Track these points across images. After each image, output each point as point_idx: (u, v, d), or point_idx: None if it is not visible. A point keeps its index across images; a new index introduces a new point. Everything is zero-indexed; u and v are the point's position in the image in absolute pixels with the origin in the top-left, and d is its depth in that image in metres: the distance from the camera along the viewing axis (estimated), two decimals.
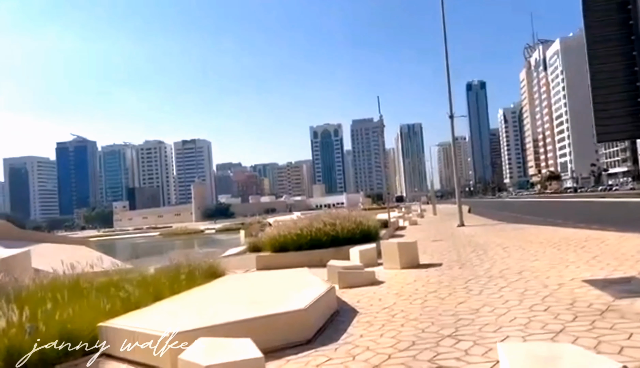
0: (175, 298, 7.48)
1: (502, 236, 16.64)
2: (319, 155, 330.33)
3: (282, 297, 6.84)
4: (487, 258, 11.39)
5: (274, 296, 6.96)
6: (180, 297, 7.44)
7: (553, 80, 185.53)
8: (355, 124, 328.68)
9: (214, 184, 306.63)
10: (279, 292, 7.36)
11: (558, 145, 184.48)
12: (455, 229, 22.79)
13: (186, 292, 7.99)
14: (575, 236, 14.20)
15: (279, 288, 7.59)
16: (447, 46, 25.69)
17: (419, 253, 11.81)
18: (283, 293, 7.15)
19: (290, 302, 6.34)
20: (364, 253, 12.29)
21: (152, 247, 47.67)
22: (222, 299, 7.00)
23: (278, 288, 7.66)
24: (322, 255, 13.65)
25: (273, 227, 14.80)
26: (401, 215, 37.96)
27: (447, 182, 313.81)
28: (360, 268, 10.19)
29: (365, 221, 15.12)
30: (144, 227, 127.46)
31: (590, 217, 26.74)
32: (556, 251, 11.37)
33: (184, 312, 6.22)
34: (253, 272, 13.32)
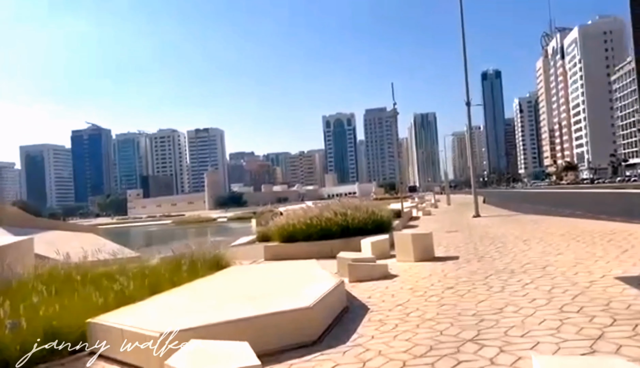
0: (173, 291, 7.00)
1: (520, 228, 15.95)
2: (332, 145, 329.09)
3: (287, 293, 6.32)
4: (507, 251, 10.77)
5: (278, 291, 6.44)
6: (178, 290, 6.96)
7: (570, 69, 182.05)
8: (368, 113, 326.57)
9: (226, 172, 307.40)
10: (284, 286, 6.84)
11: (574, 135, 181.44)
12: (471, 220, 22.11)
13: (186, 285, 7.51)
14: (599, 228, 13.48)
15: (284, 282, 7.07)
16: (464, 32, 24.82)
17: (434, 246, 11.23)
18: (288, 288, 6.63)
19: (295, 299, 5.82)
20: (375, 245, 11.74)
21: (164, 235, 47.59)
22: (222, 293, 6.50)
23: (283, 282, 7.14)
24: (332, 246, 13.13)
25: (282, 217, 14.29)
26: (414, 205, 37.25)
27: (461, 172, 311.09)
28: (371, 260, 9.64)
29: (377, 211, 14.55)
30: (157, 215, 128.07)
31: (611, 208, 25.82)
32: (581, 244, 10.70)
33: (180, 308, 5.73)
34: (260, 262, 12.85)
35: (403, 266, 9.96)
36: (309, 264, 8.89)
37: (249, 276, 7.85)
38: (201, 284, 7.34)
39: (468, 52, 24.78)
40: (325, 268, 10.26)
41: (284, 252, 13.33)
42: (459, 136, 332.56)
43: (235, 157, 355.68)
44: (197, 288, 7.12)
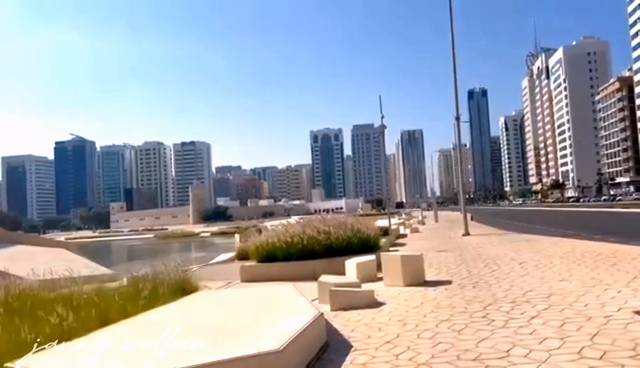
0: (120, 325, 5.95)
1: (513, 248, 15.11)
2: (319, 160, 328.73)
3: (255, 329, 5.32)
4: (503, 275, 9.87)
5: (244, 326, 5.43)
6: (127, 324, 5.91)
7: (555, 89, 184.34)
8: (355, 129, 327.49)
9: (212, 186, 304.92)
10: (252, 319, 5.84)
11: (560, 153, 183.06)
12: (461, 239, 21.28)
13: (141, 316, 6.45)
14: (599, 250, 12.68)
15: (254, 314, 6.06)
16: (454, 46, 24.23)
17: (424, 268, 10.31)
18: (257, 322, 5.63)
19: (263, 338, 4.83)
20: (361, 266, 10.79)
21: (144, 250, 46.11)
22: (178, 329, 5.46)
23: (252, 313, 6.13)
24: (314, 267, 12.15)
25: (261, 234, 13.29)
26: (402, 222, 36.42)
27: (447, 188, 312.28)
28: (356, 285, 8.67)
29: (363, 229, 13.60)
30: (140, 229, 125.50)
31: (603, 228, 25.21)
32: (583, 268, 9.85)
33: (117, 350, 4.69)
34: (235, 285, 11.80)
35: (391, 292, 9.00)
36: (286, 290, 7.89)
37: (214, 305, 6.83)
38: (156, 315, 6.30)
39: (454, 76, 24.15)
40: (306, 293, 9.26)
41: (262, 273, 12.32)
42: (445, 153, 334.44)
43: (222, 170, 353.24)
44: (149, 320, 6.08)
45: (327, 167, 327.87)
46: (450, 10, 24.57)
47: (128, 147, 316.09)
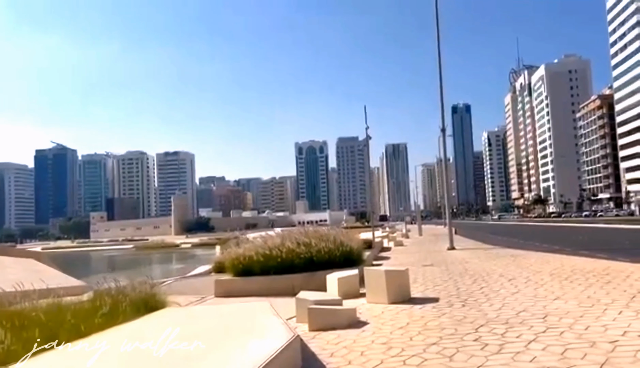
0: (70, 347, 5.24)
1: (501, 264, 14.61)
2: (304, 172, 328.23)
3: (220, 355, 4.65)
4: (493, 293, 9.32)
5: (208, 352, 4.76)
6: (72, 347, 5.20)
7: (537, 106, 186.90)
8: (340, 141, 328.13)
9: (195, 197, 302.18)
10: (218, 343, 5.16)
11: (541, 169, 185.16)
12: (446, 253, 20.77)
13: (93, 337, 5.73)
14: (589, 267, 12.22)
15: (221, 337, 5.39)
16: (440, 57, 23.95)
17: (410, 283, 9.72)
18: (223, 347, 4.96)
19: (228, 366, 4.18)
20: (343, 281, 10.16)
21: (122, 261, 44.89)
22: (126, 356, 4.77)
23: (220, 336, 5.46)
24: (293, 282, 11.48)
25: (238, 246, 12.58)
26: (386, 235, 35.91)
27: (430, 202, 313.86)
28: (337, 302, 8.03)
29: (346, 241, 12.97)
30: (120, 239, 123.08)
31: (587, 243, 24.97)
32: (576, 286, 9.35)
33: None
34: (208, 301, 11.06)
35: (375, 309, 8.37)
36: (260, 308, 7.22)
37: (178, 325, 6.13)
38: (109, 336, 5.58)
39: (439, 86, 23.85)
40: (283, 309, 8.61)
41: (238, 288, 11.61)
42: (429, 167, 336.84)
43: (205, 181, 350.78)
44: (103, 341, 5.36)
45: (312, 179, 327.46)
46: (437, 22, 24.33)
47: (110, 156, 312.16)
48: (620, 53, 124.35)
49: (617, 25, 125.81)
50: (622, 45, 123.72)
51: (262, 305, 7.53)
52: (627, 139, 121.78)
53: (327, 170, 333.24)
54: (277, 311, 7.14)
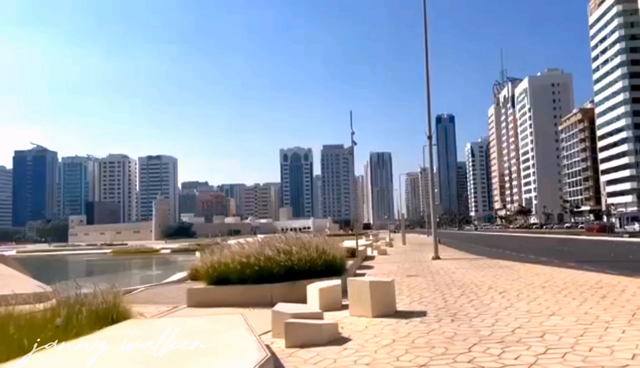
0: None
1: (489, 275, 14.10)
2: (288, 178, 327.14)
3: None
4: (484, 306, 8.75)
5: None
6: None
7: (520, 118, 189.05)
8: (326, 149, 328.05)
9: (177, 202, 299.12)
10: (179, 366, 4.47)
11: (523, 181, 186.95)
12: (431, 262, 20.25)
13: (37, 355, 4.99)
14: (581, 280, 11.77)
15: (183, 359, 4.70)
16: (428, 68, 23.56)
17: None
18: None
19: None
20: (325, 292, 9.51)
21: (96, 266, 43.62)
22: None
23: (182, 357, 4.76)
24: (272, 291, 10.83)
25: (213, 253, 11.85)
26: (369, 244, 35.31)
27: (414, 212, 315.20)
28: (317, 316, 7.37)
29: (329, 249, 12.32)
30: (99, 244, 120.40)
31: (573, 254, 24.72)
32: (571, 301, 8.83)
33: None
34: (177, 311, 10.31)
35: (358, 324, 7.74)
36: (232, 322, 6.54)
37: (136, 341, 5.42)
38: (54, 356, 4.85)
39: (424, 97, 23.46)
40: (259, 322, 7.94)
41: (212, 297, 10.87)
42: (413, 176, 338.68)
43: (188, 186, 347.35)
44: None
45: (296, 186, 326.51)
46: (425, 31, 23.96)
47: (92, 159, 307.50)
48: (602, 68, 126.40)
49: (599, 41, 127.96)
50: (603, 60, 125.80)
51: (234, 318, 6.84)
52: (607, 153, 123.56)
53: (312, 177, 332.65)
54: (252, 324, 6.48)
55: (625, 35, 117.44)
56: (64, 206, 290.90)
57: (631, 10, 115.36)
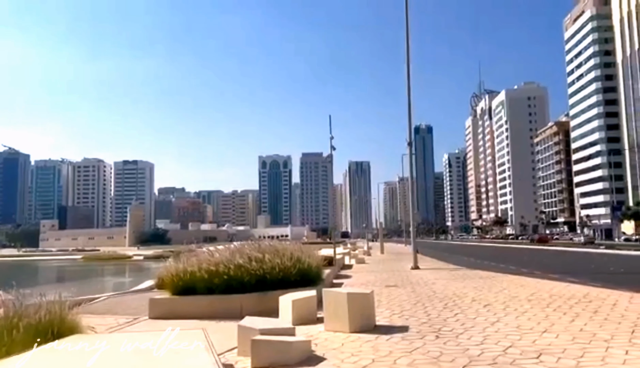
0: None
1: (471, 286, 13.53)
2: (267, 186, 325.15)
3: None
4: (469, 321, 8.11)
5: None
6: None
7: (497, 130, 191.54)
8: (305, 156, 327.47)
9: (153, 208, 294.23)
10: None
11: (499, 192, 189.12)
12: (410, 272, 19.65)
13: None
14: (567, 293, 11.26)
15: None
16: (409, 66, 23.14)
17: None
18: None
19: None
20: (299, 304, 8.78)
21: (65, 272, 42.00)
22: None
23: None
24: (242, 302, 10.05)
25: (178, 261, 11.00)
26: (347, 252, 34.68)
27: (391, 221, 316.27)
28: (288, 332, 6.63)
29: (304, 257, 11.58)
30: (70, 249, 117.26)
31: (553, 266, 24.46)
32: (563, 316, 8.25)
33: None
34: (138, 323, 9.43)
35: (333, 340, 7.01)
36: (191, 338, 5.74)
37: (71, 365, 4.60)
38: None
39: (401, 108, 23.02)
40: (224, 338, 7.19)
41: (177, 308, 10.03)
42: (391, 186, 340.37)
43: (165, 192, 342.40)
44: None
45: (274, 193, 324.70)
46: (407, 37, 23.56)
47: (66, 163, 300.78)
48: (577, 82, 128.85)
49: (574, 56, 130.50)
50: (578, 74, 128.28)
51: (194, 334, 6.05)
52: (581, 165, 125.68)
53: (290, 185, 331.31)
54: (215, 341, 5.72)
55: (599, 50, 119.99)
56: (35, 210, 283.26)
57: (605, 26, 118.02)
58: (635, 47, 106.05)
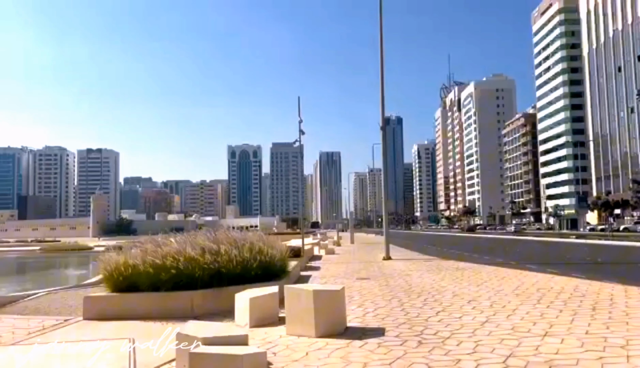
0: None
1: (449, 279, 12.52)
2: (236, 176, 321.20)
3: None
4: (455, 321, 7.01)
5: None
6: None
7: (466, 121, 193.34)
8: (275, 146, 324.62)
9: (119, 198, 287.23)
10: None
11: (467, 183, 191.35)
12: (382, 263, 18.60)
13: None
14: (554, 284, 10.35)
15: None
16: (382, 48, 21.98)
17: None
18: None
19: None
20: (257, 303, 7.53)
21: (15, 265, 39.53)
22: None
23: None
24: (193, 300, 8.76)
25: (120, 253, 9.59)
26: (317, 243, 33.55)
27: (361, 211, 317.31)
28: (240, 340, 5.35)
29: (266, 249, 10.31)
30: (29, 240, 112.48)
31: (528, 256, 23.86)
32: (559, 313, 7.25)
33: None
34: (67, 326, 7.98)
35: (296, 349, 5.79)
36: (113, 351, 4.41)
37: None
38: None
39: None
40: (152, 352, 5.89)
41: (116, 307, 8.64)
42: (361, 176, 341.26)
43: (131, 181, 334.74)
44: None
45: (244, 183, 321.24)
46: (381, 25, 22.33)
47: (26, 151, 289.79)
48: (544, 74, 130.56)
49: (541, 48, 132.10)
50: (545, 67, 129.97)
51: (115, 345, 4.72)
52: (547, 157, 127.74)
53: (260, 175, 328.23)
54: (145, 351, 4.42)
55: (566, 43, 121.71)
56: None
57: (572, 19, 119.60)
58: (602, 40, 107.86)
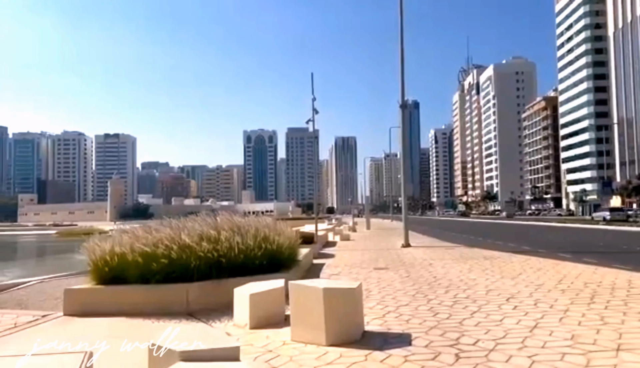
0: None
1: (477, 269, 11.27)
2: (252, 161, 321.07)
3: None
4: (497, 326, 5.79)
5: None
6: None
7: (484, 105, 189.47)
8: (291, 132, 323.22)
9: (136, 182, 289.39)
10: None
11: (485, 168, 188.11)
12: (401, 251, 17.39)
13: None
14: (602, 279, 9.04)
15: None
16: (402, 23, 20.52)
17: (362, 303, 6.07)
18: None
19: None
20: (258, 299, 6.40)
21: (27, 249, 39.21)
22: None
23: None
24: (189, 294, 7.67)
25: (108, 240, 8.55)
26: (331, 229, 32.45)
27: (377, 197, 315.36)
28: (230, 353, 4.20)
29: (273, 236, 9.16)
30: (47, 224, 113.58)
31: (559, 244, 22.41)
32: (624, 317, 5.98)
33: None
34: (45, 323, 6.96)
35: (301, 362, 4.63)
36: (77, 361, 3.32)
37: None
38: None
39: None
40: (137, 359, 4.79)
41: (101, 302, 7.59)
42: (377, 162, 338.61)
43: (148, 166, 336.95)
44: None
45: (260, 168, 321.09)
46: (401, 10, 20.80)
47: (45, 136, 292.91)
48: (566, 56, 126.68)
49: (564, 29, 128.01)
50: (568, 48, 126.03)
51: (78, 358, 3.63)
52: (568, 141, 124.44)
53: (276, 160, 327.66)
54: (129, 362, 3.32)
55: (590, 23, 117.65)
56: (14, 184, 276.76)
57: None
58: (628, 19, 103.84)
